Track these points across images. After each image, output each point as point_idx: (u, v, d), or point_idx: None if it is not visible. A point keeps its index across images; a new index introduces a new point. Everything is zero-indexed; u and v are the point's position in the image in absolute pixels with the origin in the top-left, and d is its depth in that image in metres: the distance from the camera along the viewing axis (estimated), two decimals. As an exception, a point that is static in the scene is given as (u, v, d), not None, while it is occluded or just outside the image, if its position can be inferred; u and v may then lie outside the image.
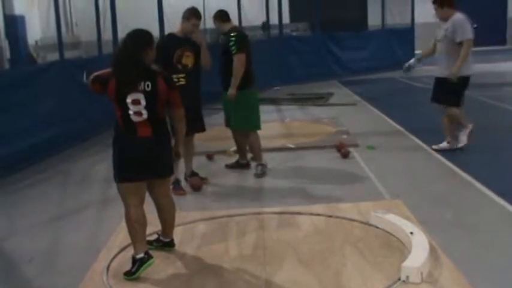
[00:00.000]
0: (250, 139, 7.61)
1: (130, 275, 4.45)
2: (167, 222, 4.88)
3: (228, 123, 7.71)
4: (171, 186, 5.73)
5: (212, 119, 9.37)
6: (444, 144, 8.19)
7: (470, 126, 8.01)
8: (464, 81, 7.86)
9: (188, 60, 6.89)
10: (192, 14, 6.88)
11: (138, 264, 4.46)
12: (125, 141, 4.54)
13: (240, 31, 7.66)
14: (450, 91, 7.89)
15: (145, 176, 4.60)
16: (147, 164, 4.56)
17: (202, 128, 7.30)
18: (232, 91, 7.24)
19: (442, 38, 7.95)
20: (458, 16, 7.84)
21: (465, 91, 8.00)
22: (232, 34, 7.28)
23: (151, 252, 4.60)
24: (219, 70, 7.39)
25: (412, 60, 8.48)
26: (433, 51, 8.33)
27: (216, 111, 11.45)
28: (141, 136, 4.51)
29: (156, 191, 4.76)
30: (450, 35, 7.78)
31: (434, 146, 8.22)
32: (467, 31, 7.77)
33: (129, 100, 4.44)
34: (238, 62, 7.19)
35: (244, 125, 7.58)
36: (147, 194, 4.71)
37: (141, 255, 4.49)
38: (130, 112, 4.45)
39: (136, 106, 4.45)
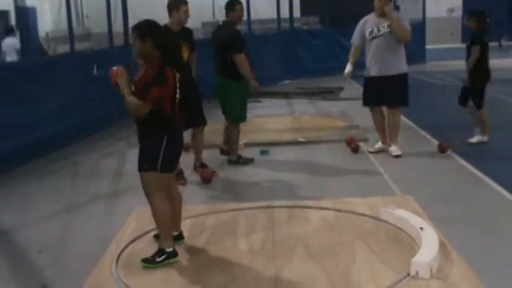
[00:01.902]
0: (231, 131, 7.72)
1: (151, 263, 4.47)
2: (176, 214, 4.88)
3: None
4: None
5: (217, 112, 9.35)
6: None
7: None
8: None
9: (184, 54, 6.86)
10: (180, 2, 6.83)
11: (165, 257, 4.50)
12: (173, 130, 4.55)
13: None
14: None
15: (177, 166, 4.70)
16: (181, 152, 4.69)
17: (203, 122, 7.26)
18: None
19: (381, 34, 7.74)
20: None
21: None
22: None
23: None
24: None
25: (348, 68, 8.27)
26: (359, 53, 8.19)
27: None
28: (179, 125, 4.64)
29: (171, 182, 4.75)
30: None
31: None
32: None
33: (178, 90, 4.56)
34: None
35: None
36: (140, 187, 4.66)
37: (171, 249, 4.53)
38: (177, 98, 4.56)
39: (177, 94, 4.58)
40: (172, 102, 4.51)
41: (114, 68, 4.45)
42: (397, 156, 7.79)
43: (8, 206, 6.70)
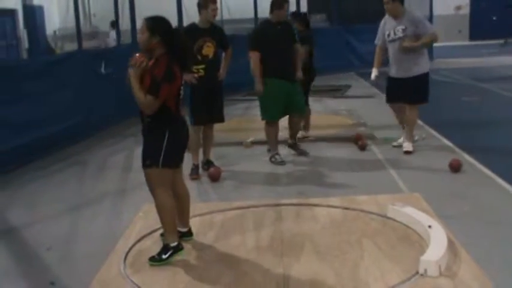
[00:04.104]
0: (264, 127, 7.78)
1: (159, 261, 4.48)
2: (185, 210, 4.88)
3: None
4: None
5: (230, 109, 9.36)
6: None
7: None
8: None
9: (209, 50, 6.93)
10: (208, 1, 6.91)
11: (171, 252, 4.51)
12: (176, 126, 4.56)
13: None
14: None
15: (182, 161, 4.71)
16: (185, 149, 4.70)
17: (220, 119, 7.33)
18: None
19: (397, 37, 7.71)
20: (414, 12, 7.80)
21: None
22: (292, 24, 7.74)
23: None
24: (281, 58, 7.47)
25: (373, 74, 8.23)
26: (383, 53, 8.13)
27: (234, 102, 11.47)
28: (184, 119, 4.68)
29: (176, 178, 4.76)
30: (411, 32, 7.59)
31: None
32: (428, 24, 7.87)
33: (182, 87, 4.61)
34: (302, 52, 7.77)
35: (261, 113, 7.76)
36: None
37: (175, 243, 4.55)
38: (181, 95, 4.59)
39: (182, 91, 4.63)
40: (177, 100, 4.54)
41: (137, 54, 4.46)
42: (407, 152, 7.80)
43: (16, 203, 6.72)
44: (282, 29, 7.53)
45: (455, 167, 6.92)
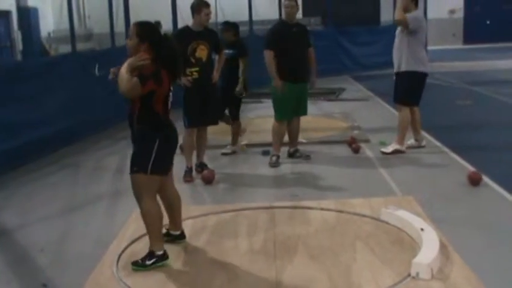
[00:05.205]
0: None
1: (141, 266, 4.46)
2: (176, 214, 4.88)
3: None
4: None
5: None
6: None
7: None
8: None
9: (202, 53, 6.94)
10: (201, 5, 6.93)
11: (155, 260, 4.48)
12: (166, 132, 4.53)
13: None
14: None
15: (171, 168, 4.69)
16: (174, 155, 4.67)
17: (214, 121, 7.35)
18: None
19: (398, 33, 7.87)
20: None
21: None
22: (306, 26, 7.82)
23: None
24: (295, 60, 7.51)
25: None
26: None
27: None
28: (173, 125, 4.63)
29: (167, 182, 4.75)
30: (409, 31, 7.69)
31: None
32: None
33: (171, 93, 4.56)
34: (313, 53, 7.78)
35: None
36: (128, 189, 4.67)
37: (161, 252, 4.51)
38: (169, 101, 4.55)
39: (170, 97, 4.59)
40: (165, 105, 4.51)
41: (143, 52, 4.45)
42: (382, 153, 7.89)
43: (10, 205, 6.70)
44: (297, 31, 7.62)
45: (475, 181, 6.48)
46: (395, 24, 7.93)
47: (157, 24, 5.18)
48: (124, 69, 4.33)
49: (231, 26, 8.22)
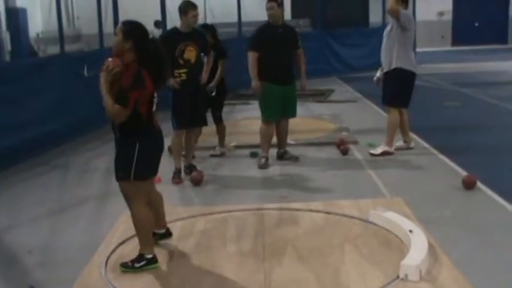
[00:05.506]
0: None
1: (130, 268, 4.45)
2: (160, 213, 4.86)
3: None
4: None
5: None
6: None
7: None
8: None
9: (191, 54, 6.93)
10: (188, 7, 6.93)
11: (144, 263, 4.47)
12: (148, 136, 4.47)
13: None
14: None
15: (156, 172, 4.62)
16: (159, 158, 4.61)
17: (203, 123, 7.35)
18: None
19: (387, 33, 7.88)
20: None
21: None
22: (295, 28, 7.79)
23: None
24: (279, 62, 7.51)
25: (378, 73, 8.31)
26: None
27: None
28: (158, 127, 4.57)
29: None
30: (400, 27, 7.68)
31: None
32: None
33: (155, 94, 4.48)
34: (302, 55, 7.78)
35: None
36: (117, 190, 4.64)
37: (151, 255, 4.50)
38: (154, 105, 4.48)
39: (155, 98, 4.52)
40: (149, 107, 4.45)
41: (110, 59, 4.36)
42: (372, 155, 7.92)
43: (-2, 206, 6.67)
44: (283, 33, 7.60)
45: (469, 184, 6.43)
46: (388, 13, 7.93)
47: (159, 23, 5.16)
48: (103, 90, 4.27)
49: (208, 29, 8.21)
